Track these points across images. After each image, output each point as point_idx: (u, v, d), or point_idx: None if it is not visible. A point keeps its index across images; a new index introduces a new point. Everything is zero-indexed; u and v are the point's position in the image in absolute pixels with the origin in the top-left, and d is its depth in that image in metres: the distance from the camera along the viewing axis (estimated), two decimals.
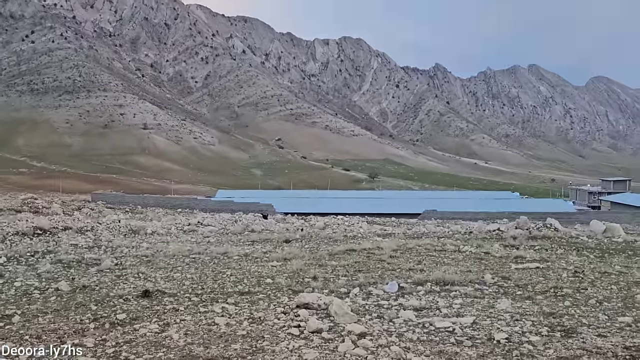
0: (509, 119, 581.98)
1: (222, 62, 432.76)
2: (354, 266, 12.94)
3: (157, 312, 7.93)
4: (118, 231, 23.82)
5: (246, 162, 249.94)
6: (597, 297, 9.15)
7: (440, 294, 9.52)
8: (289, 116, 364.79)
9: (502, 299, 8.89)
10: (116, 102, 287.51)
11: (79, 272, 11.85)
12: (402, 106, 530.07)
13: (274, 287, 10.11)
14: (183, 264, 13.45)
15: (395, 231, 26.73)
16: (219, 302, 8.71)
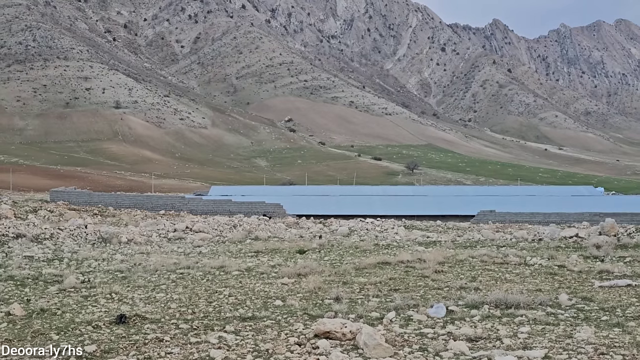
0: (590, 91, 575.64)
1: (216, 20, 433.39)
2: (389, 284, 12.81)
3: (136, 344, 7.84)
4: (84, 239, 23.94)
5: (247, 149, 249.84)
6: None
7: (501, 319, 9.35)
8: (303, 90, 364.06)
9: (582, 326, 8.75)
10: (80, 74, 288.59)
11: (36, 292, 11.79)
12: (450, 76, 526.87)
13: (285, 311, 10.01)
14: (168, 281, 13.38)
15: (442, 238, 26.62)
16: (214, 330, 8.60)
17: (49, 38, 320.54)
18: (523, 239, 25.42)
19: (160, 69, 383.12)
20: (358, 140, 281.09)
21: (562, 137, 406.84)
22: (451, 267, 15.39)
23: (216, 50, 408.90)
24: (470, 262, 16.24)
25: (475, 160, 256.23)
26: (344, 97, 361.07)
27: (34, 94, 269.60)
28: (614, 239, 22.98)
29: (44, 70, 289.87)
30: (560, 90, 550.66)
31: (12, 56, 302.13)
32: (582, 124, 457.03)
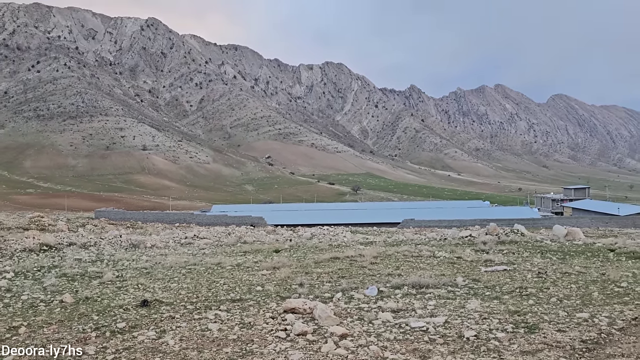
0: (478, 134, 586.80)
1: (215, 87, 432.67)
2: (338, 273, 12.82)
3: (155, 320, 7.84)
4: (119, 245, 23.55)
5: (239, 178, 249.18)
6: (558, 296, 9.26)
7: (415, 296, 9.48)
8: (278, 135, 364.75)
9: (472, 299, 8.93)
10: (117, 126, 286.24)
11: (82, 285, 11.65)
12: (381, 124, 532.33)
13: (263, 294, 10.02)
14: (179, 274, 13.26)
15: (376, 239, 26.71)
16: (212, 309, 8.62)
17: (94, 100, 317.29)
18: (433, 238, 25.61)
19: (175, 121, 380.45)
20: (317, 171, 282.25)
21: (460, 166, 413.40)
22: (382, 260, 15.48)
23: (215, 108, 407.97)
24: (395, 256, 16.32)
25: (400, 183, 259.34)
26: (307, 140, 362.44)
27: (82, 140, 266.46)
28: (496, 237, 23.27)
29: (90, 123, 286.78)
30: (458, 133, 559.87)
31: (67, 113, 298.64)
32: (473, 157, 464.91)
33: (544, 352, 5.90)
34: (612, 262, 14.59)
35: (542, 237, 24.50)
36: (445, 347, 6.16)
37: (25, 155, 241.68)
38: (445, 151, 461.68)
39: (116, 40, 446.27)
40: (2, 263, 15.97)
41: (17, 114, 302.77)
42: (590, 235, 28.16)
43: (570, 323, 7.17)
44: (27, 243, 21.21)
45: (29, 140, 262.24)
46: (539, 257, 15.71)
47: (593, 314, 7.59)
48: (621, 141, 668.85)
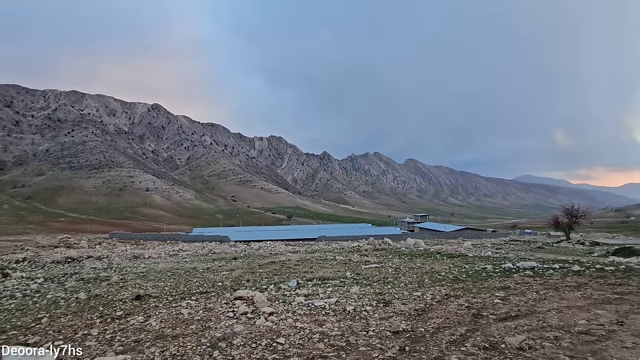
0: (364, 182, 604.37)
1: (198, 150, 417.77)
2: (273, 272, 12.55)
3: (144, 309, 7.31)
4: (125, 257, 21.82)
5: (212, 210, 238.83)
6: (405, 282, 9.60)
7: (320, 285, 9.44)
8: (239, 182, 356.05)
9: (354, 286, 9.06)
10: (128, 175, 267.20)
11: (95, 286, 10.64)
12: (306, 175, 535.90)
13: (222, 288, 9.60)
14: (166, 276, 12.43)
15: (300, 249, 26.53)
16: (185, 299, 8.15)
17: (112, 157, 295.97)
18: (335, 248, 25.80)
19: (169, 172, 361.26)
20: (265, 205, 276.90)
21: (354, 202, 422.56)
22: (302, 262, 15.37)
23: (198, 163, 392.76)
24: (311, 260, 16.27)
25: (317, 213, 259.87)
26: (258, 185, 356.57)
27: (102, 184, 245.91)
28: (373, 246, 23.84)
29: (109, 172, 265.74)
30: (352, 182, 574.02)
31: (92, 166, 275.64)
32: (361, 196, 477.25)
33: (393, 317, 6.12)
34: (438, 260, 15.34)
35: (400, 245, 25.24)
36: (335, 317, 6.24)
37: (60, 194, 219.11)
38: (345, 192, 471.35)
39: (130, 117, 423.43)
40: (35, 272, 14.30)
41: (55, 165, 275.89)
42: (428, 244, 29.45)
43: (409, 299, 7.48)
44: (55, 257, 19.19)
45: (63, 184, 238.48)
46: (397, 258, 16.17)
47: (423, 293, 7.96)
48: (446, 187, 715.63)
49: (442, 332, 5.25)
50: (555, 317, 5.86)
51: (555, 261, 13.56)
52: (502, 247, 26.94)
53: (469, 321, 5.79)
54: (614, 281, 8.92)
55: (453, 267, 12.41)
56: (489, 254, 18.40)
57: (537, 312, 6.15)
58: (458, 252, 19.50)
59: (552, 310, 6.22)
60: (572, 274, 10.23)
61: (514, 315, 6.02)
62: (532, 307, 6.48)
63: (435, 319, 5.99)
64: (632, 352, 4.37)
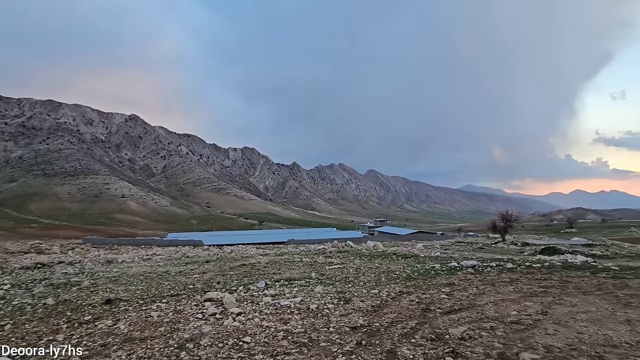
0: (330, 190, 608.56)
1: (174, 159, 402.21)
2: (243, 274, 12.17)
3: (114, 313, 6.75)
4: (98, 262, 20.37)
5: (187, 216, 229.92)
6: (364, 280, 9.64)
7: (287, 286, 9.23)
8: (214, 190, 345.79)
9: (318, 286, 8.95)
10: (104, 182, 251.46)
11: (64, 291, 9.74)
12: (277, 184, 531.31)
13: (193, 290, 9.12)
14: (138, 280, 11.65)
15: (270, 252, 26.04)
16: (156, 302, 7.64)
17: (88, 165, 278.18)
18: (303, 250, 25.61)
19: (146, 180, 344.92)
20: (238, 211, 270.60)
21: (320, 208, 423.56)
22: (271, 264, 15.04)
23: (173, 172, 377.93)
24: (279, 262, 15.97)
25: (287, 218, 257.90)
26: (232, 193, 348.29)
27: (77, 191, 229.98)
28: (337, 249, 23.88)
29: (84, 180, 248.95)
30: (319, 190, 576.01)
31: (67, 173, 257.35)
32: (328, 204, 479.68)
33: (352, 314, 6.10)
34: (394, 260, 15.59)
35: (361, 248, 25.41)
36: (299, 315, 6.12)
37: (32, 201, 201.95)
38: (312, 200, 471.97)
39: (107, 127, 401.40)
40: (1, 278, 13.00)
41: (28, 172, 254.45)
42: (386, 246, 29.90)
43: (367, 296, 7.51)
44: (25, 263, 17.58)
45: (36, 190, 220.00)
46: (358, 259, 16.25)
47: (380, 290, 8.02)
48: (402, 195, 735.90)
49: (395, 326, 5.30)
50: (491, 309, 6.09)
51: (492, 260, 14.20)
52: (449, 248, 27.91)
53: (419, 315, 5.89)
54: (540, 276, 9.46)
55: (407, 266, 12.64)
56: (438, 254, 18.97)
57: (477, 306, 6.38)
58: (411, 253, 19.94)
59: (489, 303, 6.47)
60: (506, 270, 10.74)
61: (457, 309, 6.20)
62: (472, 301, 6.71)
63: (389, 314, 6.04)
64: (553, 337, 4.62)
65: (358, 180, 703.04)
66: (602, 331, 4.80)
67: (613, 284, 8.15)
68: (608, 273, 9.84)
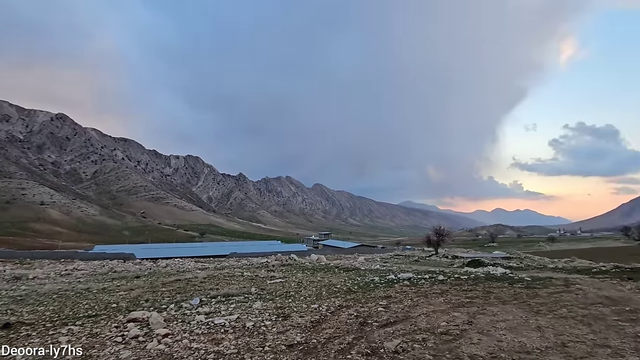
0: (276, 202, 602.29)
1: (107, 164, 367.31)
2: (176, 290, 11.20)
3: (11, 340, 5.70)
4: (2, 279, 17.47)
5: (119, 227, 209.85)
6: (305, 295, 9.46)
7: (224, 302, 8.67)
8: (151, 199, 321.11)
9: (257, 301, 8.58)
10: (19, 186, 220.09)
11: None
12: (221, 194, 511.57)
13: (116, 310, 8.14)
14: (50, 299, 10.11)
15: (210, 266, 24.62)
16: (68, 325, 6.63)
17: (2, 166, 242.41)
18: (245, 264, 24.63)
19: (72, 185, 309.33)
20: (178, 222, 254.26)
21: (266, 221, 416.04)
22: (209, 279, 14.18)
23: (105, 178, 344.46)
24: (218, 277, 15.14)
25: (231, 230, 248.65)
26: (171, 202, 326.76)
27: None
28: (280, 262, 23.39)
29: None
30: (265, 202, 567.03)
31: None
32: (273, 216, 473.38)
33: (290, 330, 5.89)
34: (336, 273, 15.64)
35: (305, 261, 25.21)
36: (233, 334, 5.73)
37: None
38: (258, 212, 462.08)
39: (28, 125, 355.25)
40: None
41: None
42: (329, 259, 30.06)
43: (307, 311, 7.34)
44: None
45: None
46: (301, 273, 16.01)
47: (320, 305, 7.90)
48: (346, 209, 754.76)
49: (332, 342, 5.20)
50: (424, 320, 6.31)
51: (426, 272, 14.95)
52: (388, 261, 28.95)
53: (356, 329, 5.87)
54: (467, 287, 10.13)
55: (348, 279, 12.72)
56: (378, 267, 19.51)
57: (411, 317, 6.56)
58: (353, 266, 20.23)
59: (422, 315, 6.70)
60: (438, 282, 11.33)
61: (393, 321, 6.31)
62: (407, 313, 6.90)
63: (328, 329, 5.94)
64: (477, 347, 4.89)
65: (305, 194, 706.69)
66: (518, 338, 5.20)
67: (526, 293, 9.01)
68: (522, 283, 10.89)
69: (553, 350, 4.71)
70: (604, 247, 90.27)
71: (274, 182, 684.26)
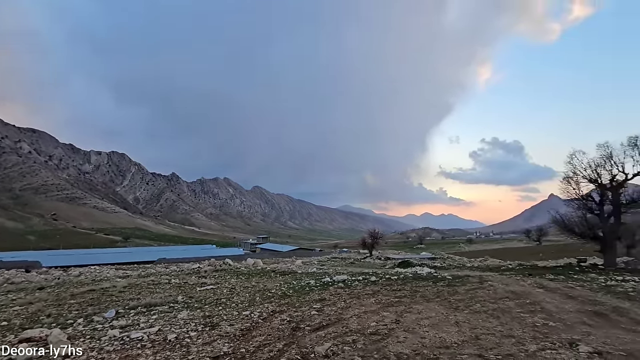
0: (212, 205, 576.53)
1: (9, 157, 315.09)
2: (88, 302, 9.91)
3: None
4: None
5: (22, 231, 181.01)
6: (237, 302, 9.05)
7: (145, 313, 7.89)
8: (65, 198, 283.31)
9: (183, 311, 7.97)
10: None
11: None
12: (150, 195, 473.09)
13: (6, 328, 6.86)
14: None
15: (133, 274, 22.42)
16: None
17: None
18: (174, 270, 22.97)
19: None
20: (97, 225, 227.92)
21: (200, 224, 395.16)
22: (130, 288, 12.85)
23: (6, 174, 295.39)
24: (141, 285, 13.80)
25: (160, 234, 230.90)
26: (90, 203, 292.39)
27: None
28: (213, 267, 22.34)
29: None
30: (200, 204, 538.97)
31: None
32: (209, 219, 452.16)
33: (217, 341, 5.53)
34: (272, 277, 15.35)
35: (240, 265, 24.46)
36: (152, 349, 5.19)
37: None
38: (192, 214, 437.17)
39: None
40: None
41: None
42: (267, 263, 29.51)
43: (238, 319, 7.01)
44: None
45: None
46: (235, 278, 15.39)
47: (252, 311, 7.60)
48: (286, 212, 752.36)
49: (262, 350, 5.00)
50: (355, 322, 6.42)
51: (360, 274, 15.45)
52: (325, 264, 29.39)
53: (288, 335, 5.74)
54: (396, 287, 10.65)
55: (284, 283, 12.54)
56: (314, 269, 19.65)
57: (343, 319, 6.64)
58: (290, 269, 20.08)
59: (353, 316, 6.82)
60: (370, 283, 11.74)
61: (325, 325, 6.32)
62: (340, 315, 6.98)
63: (258, 336, 5.71)
64: (402, 345, 5.10)
65: (243, 196, 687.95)
66: (439, 334, 5.55)
67: (447, 291, 9.77)
68: (444, 282, 11.81)
69: (468, 343, 5.11)
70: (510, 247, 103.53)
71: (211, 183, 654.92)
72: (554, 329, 5.70)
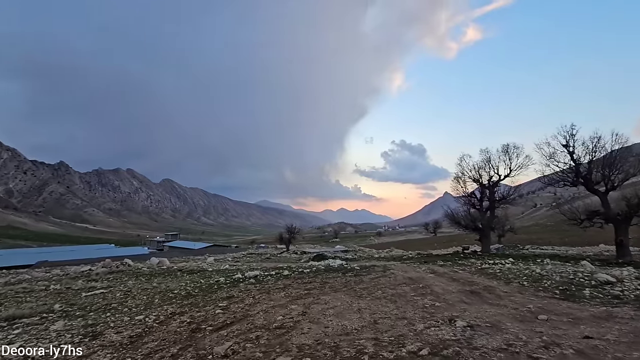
0: (112, 199, 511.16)
1: None
2: None
3: None
4: None
5: None
6: (131, 306, 8.11)
7: (5, 328, 6.52)
8: None
9: (59, 321, 6.77)
10: None
11: None
12: (29, 187, 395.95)
13: None
14: None
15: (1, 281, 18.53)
16: None
17: None
18: (59, 274, 19.69)
19: None
20: None
21: (96, 221, 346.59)
22: None
23: None
24: (6, 294, 11.41)
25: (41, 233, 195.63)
26: None
27: None
28: (108, 269, 19.72)
29: None
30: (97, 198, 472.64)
31: None
32: (107, 215, 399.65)
33: (97, 352, 4.81)
34: (178, 277, 14.27)
35: (142, 266, 22.23)
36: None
37: None
38: (85, 210, 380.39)
39: None
40: None
41: None
42: (174, 262, 27.33)
43: (128, 325, 6.23)
44: None
45: None
46: (133, 280, 13.87)
47: (147, 315, 6.86)
48: (200, 208, 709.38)
49: (152, 357, 4.50)
50: (261, 317, 6.28)
51: (274, 269, 15.37)
52: (240, 260, 28.55)
53: (186, 338, 5.31)
54: (307, 280, 10.84)
55: (190, 282, 11.75)
56: (227, 266, 18.91)
57: (249, 316, 6.44)
58: (200, 267, 18.98)
59: (260, 312, 6.67)
60: (282, 278, 11.74)
61: (229, 323, 6.04)
62: (246, 312, 6.75)
63: (150, 342, 5.15)
64: (306, 336, 5.15)
65: (150, 190, 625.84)
66: (341, 322, 5.77)
67: (354, 280, 10.32)
68: (352, 272, 12.47)
69: (367, 328, 5.42)
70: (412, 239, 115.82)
71: (110, 174, 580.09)
72: (439, 309, 6.43)
